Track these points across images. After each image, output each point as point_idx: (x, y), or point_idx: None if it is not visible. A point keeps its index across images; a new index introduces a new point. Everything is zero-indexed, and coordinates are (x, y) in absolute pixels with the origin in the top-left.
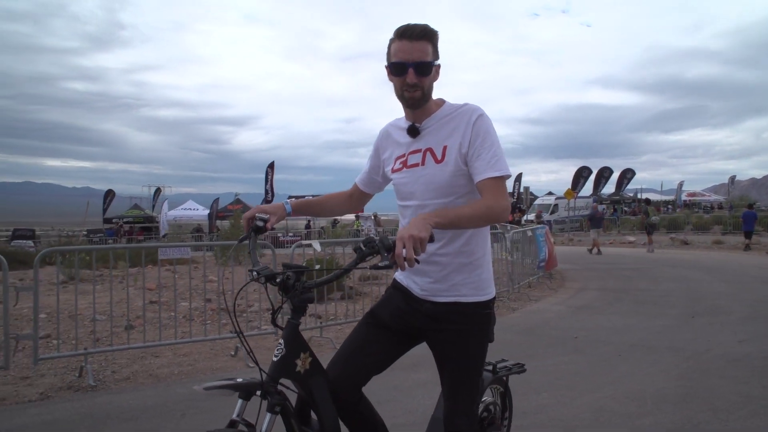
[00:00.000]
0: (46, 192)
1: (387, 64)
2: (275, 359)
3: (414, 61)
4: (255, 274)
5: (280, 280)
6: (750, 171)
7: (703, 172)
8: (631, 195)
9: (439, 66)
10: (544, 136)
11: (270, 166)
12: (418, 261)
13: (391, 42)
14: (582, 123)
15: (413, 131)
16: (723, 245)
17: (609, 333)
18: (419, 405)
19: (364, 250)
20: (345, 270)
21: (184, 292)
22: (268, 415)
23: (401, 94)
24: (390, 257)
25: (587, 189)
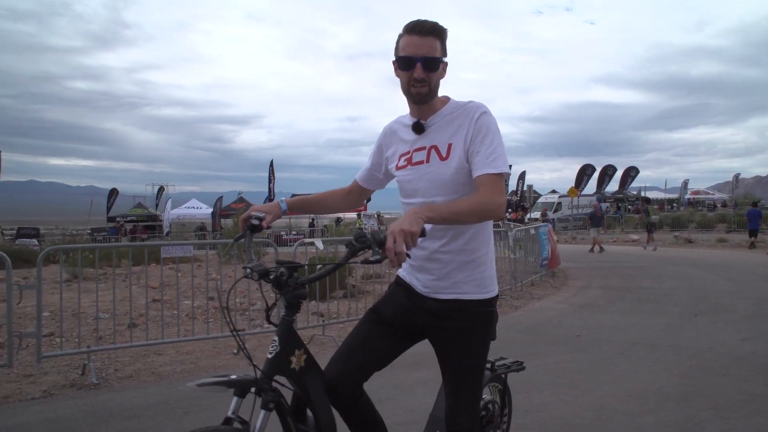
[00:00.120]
0: (50, 191)
1: (395, 58)
2: (269, 356)
3: (422, 56)
4: (248, 270)
5: (273, 276)
6: (754, 169)
7: (707, 170)
8: (635, 193)
9: (446, 64)
10: (547, 134)
11: (270, 165)
12: (409, 255)
13: (400, 37)
14: (585, 121)
15: (418, 128)
16: (727, 243)
17: (611, 331)
18: (420, 403)
19: (355, 245)
20: (337, 265)
21: (186, 290)
22: (262, 412)
23: (408, 89)
24: (381, 251)
25: (591, 187)
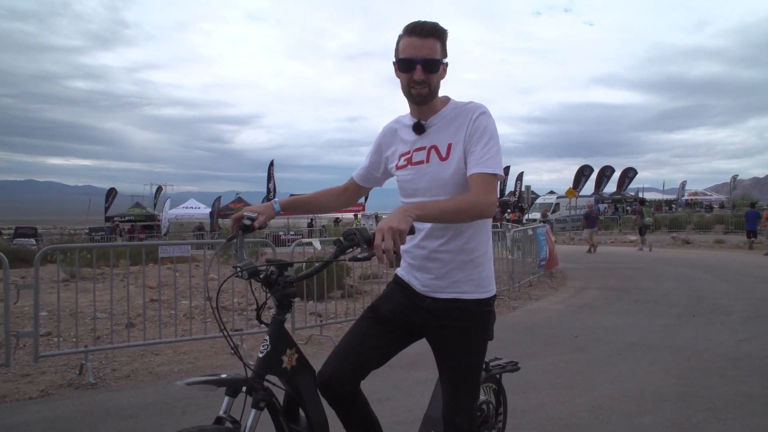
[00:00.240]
0: (48, 190)
1: (395, 60)
2: (261, 355)
3: (422, 58)
4: (238, 269)
5: (263, 275)
6: (752, 170)
7: (706, 171)
8: (633, 194)
9: (447, 64)
10: (546, 134)
11: (271, 165)
12: (397, 253)
13: (400, 38)
14: (584, 122)
15: (419, 128)
16: (725, 244)
17: (609, 332)
18: (418, 403)
19: (343, 242)
20: (325, 263)
21: (184, 290)
22: (252, 411)
23: (408, 90)
24: (369, 249)
25: (589, 188)
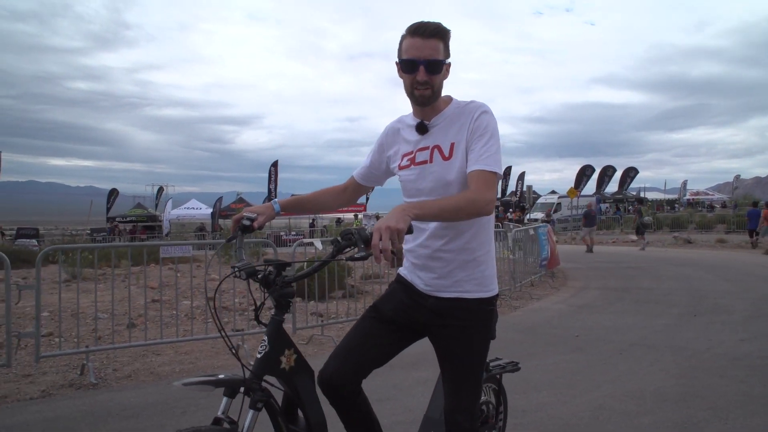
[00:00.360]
0: (49, 191)
1: (398, 60)
2: (259, 356)
3: (425, 59)
4: (236, 269)
5: (261, 275)
6: (754, 170)
7: (707, 170)
8: (634, 194)
9: (450, 64)
10: (547, 134)
11: (273, 164)
12: (394, 252)
13: (403, 39)
14: (585, 122)
15: (422, 128)
16: (726, 244)
17: (610, 332)
18: (419, 403)
19: (341, 242)
20: (323, 262)
21: (185, 290)
22: (250, 412)
23: (411, 91)
24: (366, 248)
25: (590, 188)
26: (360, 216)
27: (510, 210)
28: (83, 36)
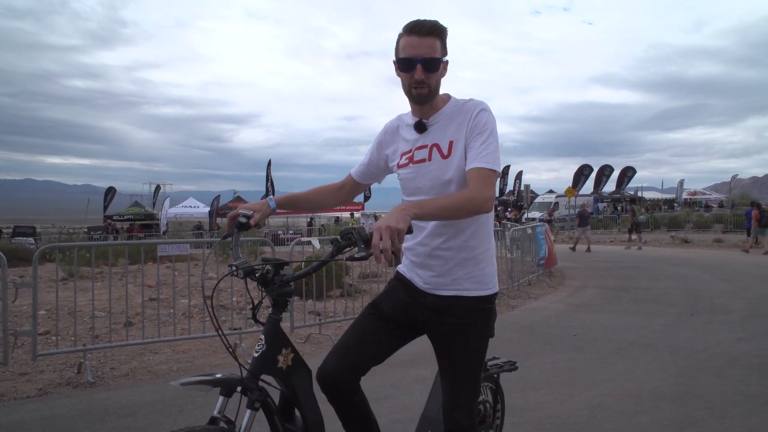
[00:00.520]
0: (46, 189)
1: (395, 59)
2: (256, 355)
3: (422, 57)
4: (233, 268)
5: (258, 274)
6: (751, 170)
7: (704, 170)
8: (631, 193)
9: (447, 62)
10: (545, 134)
11: (268, 164)
12: (395, 252)
13: (400, 37)
14: (583, 121)
15: (420, 127)
16: (723, 244)
17: (608, 331)
18: (417, 401)
19: (341, 241)
20: (322, 262)
21: (183, 289)
22: (247, 412)
23: (409, 90)
24: (366, 248)
25: (588, 187)
26: (356, 215)
27: (509, 209)
28: (80, 34)
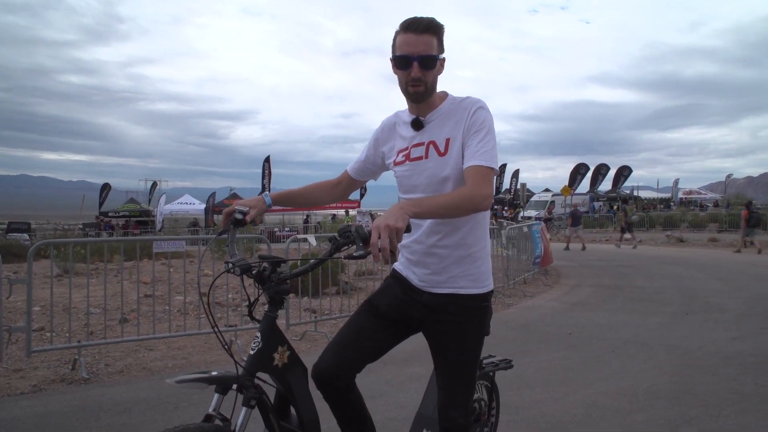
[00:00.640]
0: (42, 185)
1: (391, 56)
2: (252, 353)
3: (419, 55)
4: (230, 265)
5: (255, 271)
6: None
7: (699, 170)
8: (627, 192)
9: (444, 60)
10: (542, 132)
11: (266, 160)
12: (392, 251)
13: (397, 34)
14: (580, 120)
15: (417, 124)
16: (718, 243)
17: (603, 329)
18: (412, 399)
19: (339, 240)
20: (320, 260)
21: (178, 285)
22: (243, 409)
23: (405, 88)
24: (365, 247)
25: (584, 186)
26: (351, 212)
27: (505, 207)
28: (76, 29)
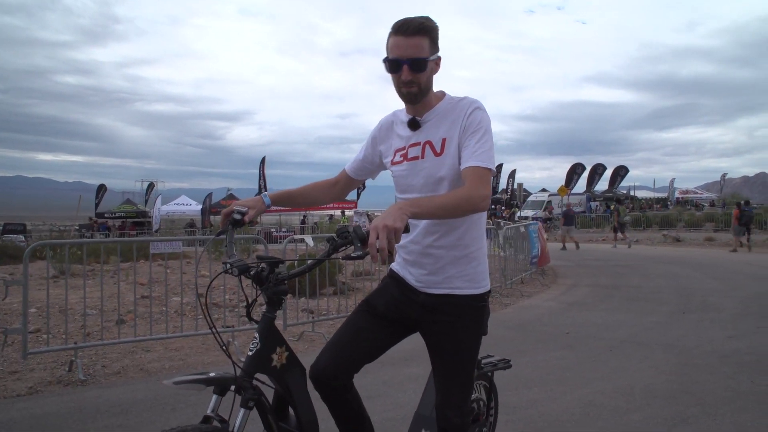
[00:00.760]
0: (37, 186)
1: (383, 59)
2: (250, 354)
3: (408, 58)
4: (228, 266)
5: (253, 272)
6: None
7: (696, 170)
8: (624, 192)
9: (439, 59)
10: (538, 132)
11: (261, 161)
12: (391, 252)
13: (389, 36)
14: (576, 120)
15: (414, 124)
16: (715, 242)
17: (600, 329)
18: (410, 399)
19: (337, 240)
20: (318, 261)
21: (175, 286)
22: (241, 411)
23: (399, 89)
24: (363, 247)
25: (581, 186)
26: (347, 213)
27: (503, 207)
28: (72, 30)
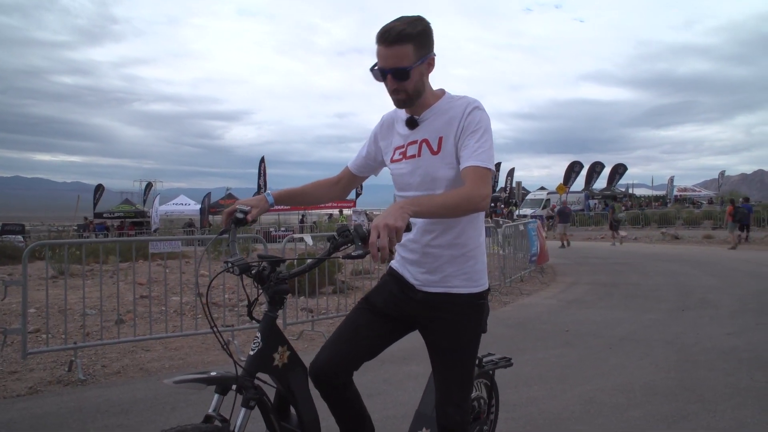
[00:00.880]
0: (35, 187)
1: (370, 68)
2: (252, 353)
3: (390, 68)
4: (229, 265)
5: (255, 271)
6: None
7: (693, 167)
8: (623, 190)
9: (433, 58)
10: (536, 131)
11: (261, 160)
12: (392, 251)
13: (375, 43)
14: (574, 118)
15: (411, 123)
16: (713, 240)
17: (599, 326)
18: (410, 397)
19: (338, 239)
20: (319, 260)
21: (175, 286)
22: (242, 410)
23: (390, 95)
24: (364, 246)
25: (579, 184)
26: (345, 212)
27: (502, 205)
28: (69, 30)
